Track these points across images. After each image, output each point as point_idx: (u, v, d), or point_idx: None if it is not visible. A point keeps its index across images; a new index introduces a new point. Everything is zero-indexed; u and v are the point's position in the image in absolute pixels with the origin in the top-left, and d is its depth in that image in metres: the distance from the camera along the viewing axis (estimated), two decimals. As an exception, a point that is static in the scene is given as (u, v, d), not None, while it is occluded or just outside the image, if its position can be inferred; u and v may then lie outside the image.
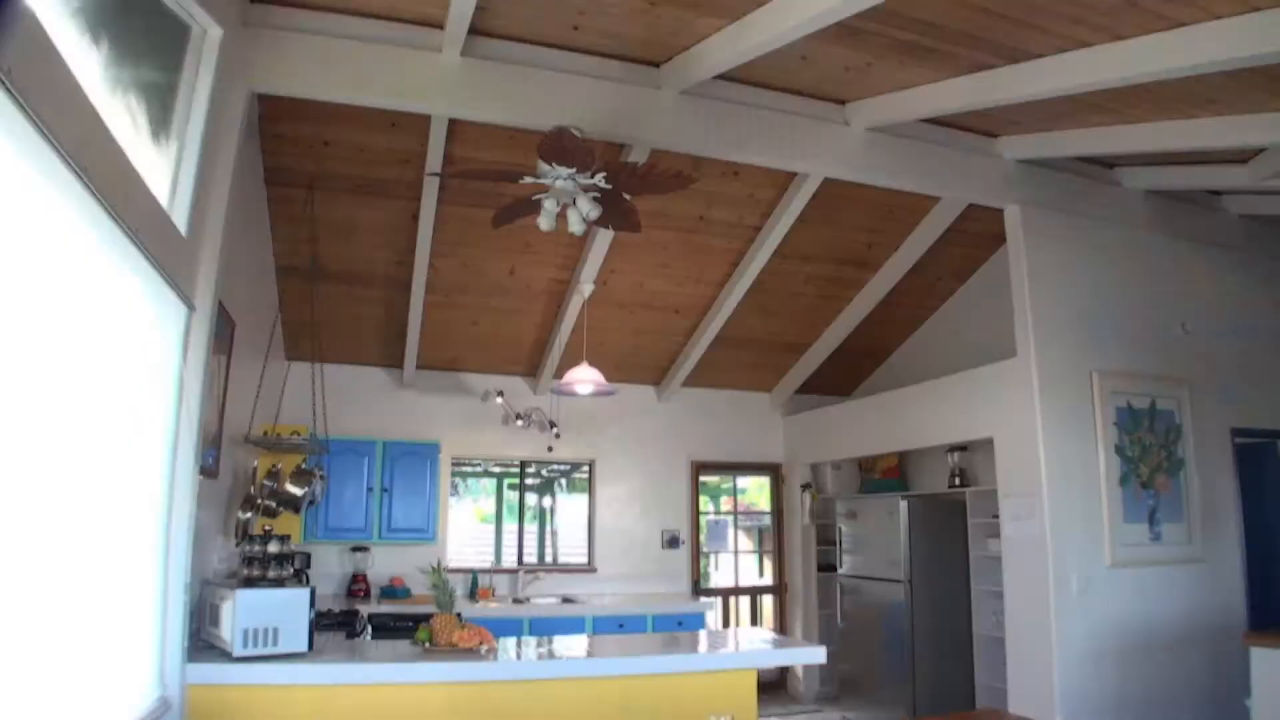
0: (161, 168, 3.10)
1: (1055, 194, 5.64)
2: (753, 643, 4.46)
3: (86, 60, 2.26)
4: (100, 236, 2.32)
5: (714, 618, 7.75)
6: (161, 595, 3.12)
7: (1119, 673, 5.26)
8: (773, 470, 8.56)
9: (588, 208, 4.05)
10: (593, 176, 4.00)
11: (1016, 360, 5.49)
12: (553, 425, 7.48)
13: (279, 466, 5.24)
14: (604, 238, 5.86)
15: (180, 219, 3.23)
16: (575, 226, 4.14)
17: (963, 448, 6.80)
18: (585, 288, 6.27)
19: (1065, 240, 5.62)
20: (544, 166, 3.93)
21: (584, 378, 5.98)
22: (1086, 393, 5.48)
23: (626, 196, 4.23)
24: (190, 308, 3.29)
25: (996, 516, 5.75)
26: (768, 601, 8.48)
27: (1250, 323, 6.35)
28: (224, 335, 4.06)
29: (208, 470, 3.84)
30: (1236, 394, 6.16)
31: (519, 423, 7.47)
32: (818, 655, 4.42)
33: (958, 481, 6.84)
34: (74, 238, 2.17)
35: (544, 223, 4.11)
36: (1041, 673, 5.15)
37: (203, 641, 3.58)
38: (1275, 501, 6.43)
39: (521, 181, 4.07)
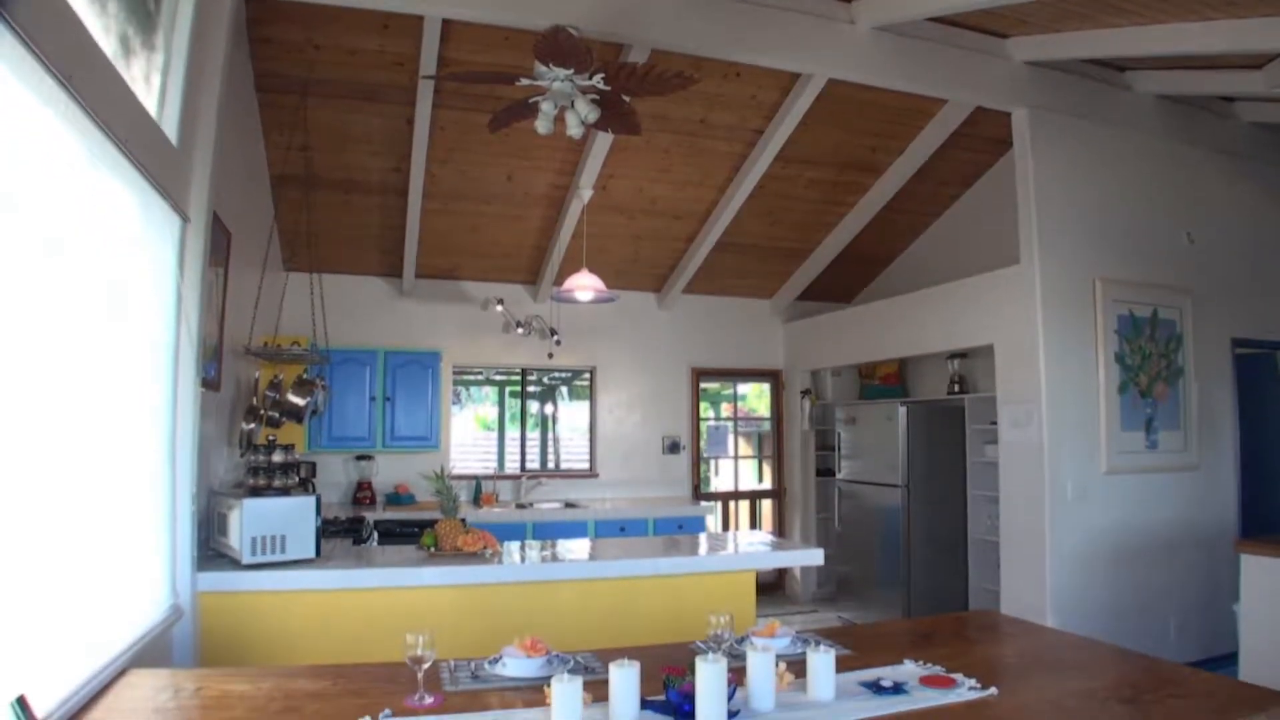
0: (149, 76, 3.00)
1: (1064, 98, 5.50)
2: (751, 545, 4.54)
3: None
4: (89, 148, 2.26)
5: (714, 521, 7.91)
6: (169, 506, 3.15)
7: (1110, 577, 5.38)
8: (773, 377, 8.60)
9: (586, 110, 3.95)
10: (591, 78, 3.89)
11: (1019, 267, 5.45)
12: (553, 333, 7.47)
13: (280, 377, 5.25)
14: (603, 141, 5.75)
15: (170, 129, 3.15)
16: (573, 129, 4.05)
17: (963, 354, 6.81)
18: (584, 193, 6.18)
19: (1073, 145, 5.52)
20: (541, 68, 3.82)
21: (584, 284, 5.93)
22: (1088, 300, 5.46)
23: (625, 98, 4.13)
24: (184, 219, 3.24)
25: (994, 423, 5.80)
26: (767, 506, 8.63)
27: (1256, 233, 6.29)
28: (220, 247, 4.00)
29: (209, 382, 3.84)
30: (1239, 304, 6.15)
31: (519, 330, 7.46)
32: (815, 557, 4.51)
33: (957, 388, 6.88)
34: (61, 150, 2.12)
35: (541, 126, 4.02)
36: (1034, 576, 5.27)
37: (212, 551, 3.64)
38: (1272, 411, 6.48)
39: (518, 84, 3.96)
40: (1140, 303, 5.62)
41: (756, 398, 8.95)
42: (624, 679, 2.03)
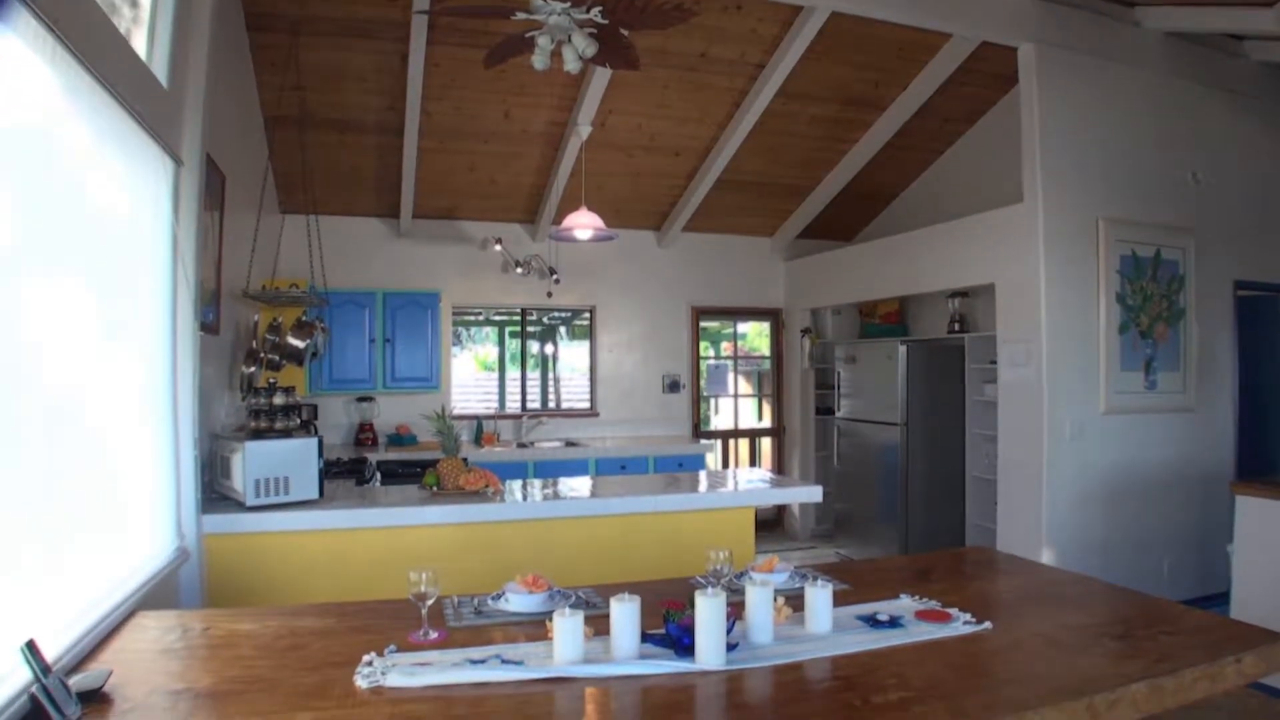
0: (137, 18, 2.94)
1: (1071, 33, 5.39)
2: (751, 483, 4.58)
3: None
4: (78, 92, 2.22)
5: (714, 459, 7.97)
6: (172, 450, 3.17)
7: (1106, 515, 5.45)
8: (773, 315, 8.59)
9: (583, 44, 3.88)
10: (588, 11, 3.80)
11: (1022, 205, 5.40)
12: (552, 272, 7.44)
13: (280, 320, 5.25)
14: (601, 77, 5.65)
15: (160, 71, 3.09)
16: (571, 65, 3.97)
17: (964, 293, 6.80)
18: (583, 130, 6.10)
19: (1079, 82, 5.42)
20: (537, 1, 3.73)
21: (583, 223, 5.88)
22: (1091, 240, 5.42)
23: (624, 32, 4.04)
24: (178, 162, 3.20)
25: (994, 362, 5.81)
26: (766, 444, 8.70)
27: (1262, 174, 6.23)
28: (215, 190, 3.96)
29: (208, 327, 3.83)
30: (1242, 246, 6.12)
31: (518, 270, 7.43)
32: (814, 494, 4.56)
33: (957, 327, 6.87)
34: (49, 94, 2.08)
35: (538, 61, 3.94)
36: (1030, 514, 5.33)
37: (216, 494, 3.67)
38: (1272, 353, 6.48)
39: (514, 18, 3.87)
40: (1143, 243, 5.59)
41: (757, 336, 8.95)
42: (625, 613, 2.07)
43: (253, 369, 4.63)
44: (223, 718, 1.74)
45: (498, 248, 7.42)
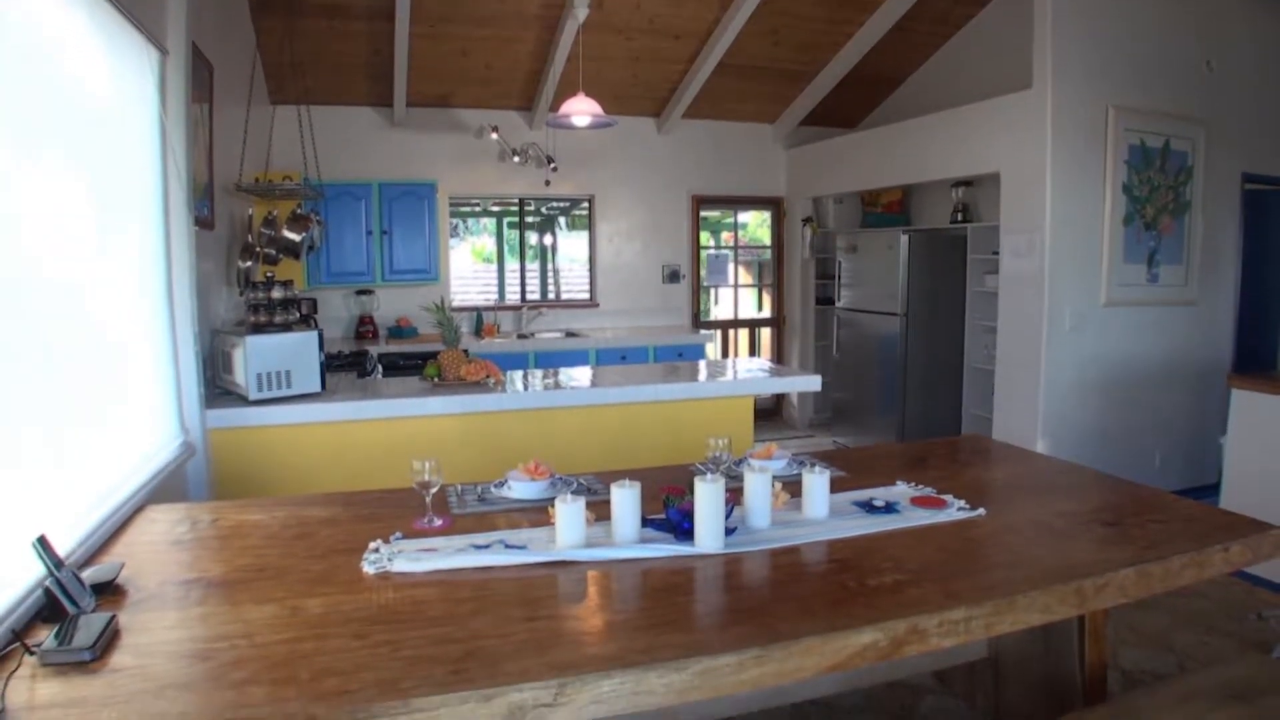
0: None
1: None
2: (750, 372, 4.61)
3: None
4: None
5: (713, 349, 8.00)
6: (172, 346, 3.17)
7: (1102, 406, 5.50)
8: (774, 204, 8.48)
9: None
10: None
11: (1030, 92, 5.27)
12: (550, 160, 7.31)
13: (275, 213, 5.17)
14: (598, -44, 5.43)
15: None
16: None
17: (968, 183, 6.69)
18: (579, 11, 5.87)
19: (1095, -38, 5.21)
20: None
21: (581, 109, 5.72)
22: (1100, 129, 5.31)
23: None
24: (162, 51, 3.09)
25: (996, 252, 5.76)
26: (766, 334, 8.72)
27: (1277, 65, 6.03)
28: (202, 81, 3.84)
29: (203, 221, 3.78)
30: (1252, 138, 6.00)
31: (516, 159, 7.30)
32: (813, 384, 4.59)
33: (960, 217, 6.79)
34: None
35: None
36: (1027, 403, 5.38)
37: (219, 389, 3.69)
38: (1277, 248, 6.42)
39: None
40: (1153, 132, 5.47)
41: (757, 226, 8.86)
42: (625, 498, 2.11)
43: (249, 264, 4.59)
44: (234, 604, 1.79)
45: (494, 136, 7.27)
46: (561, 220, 8.10)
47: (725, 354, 8.44)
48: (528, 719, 1.44)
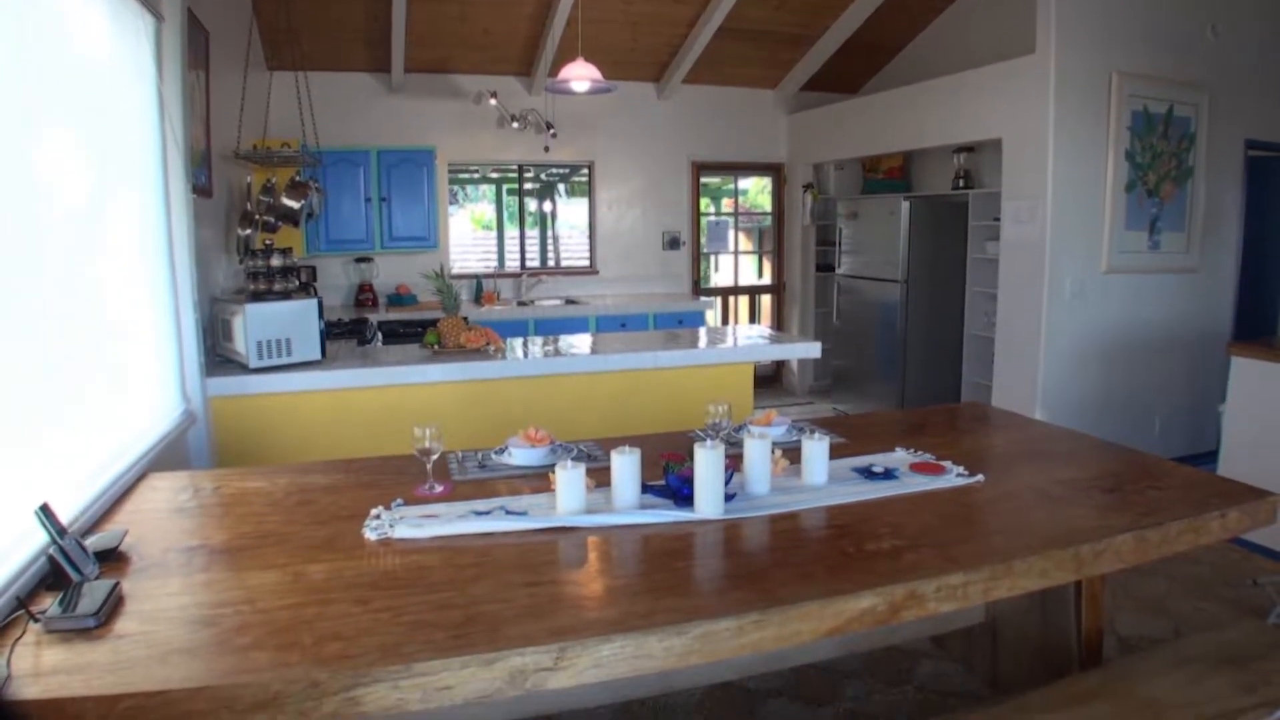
0: None
1: None
2: (750, 339, 4.61)
3: None
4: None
5: (713, 316, 7.99)
6: (173, 314, 3.16)
7: (1101, 374, 5.50)
8: (775, 170, 8.43)
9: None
10: None
11: (1033, 57, 5.21)
12: (549, 126, 7.25)
13: (273, 181, 5.14)
14: (597, -83, 5.35)
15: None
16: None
17: (970, 149, 6.64)
18: (578, -25, 5.82)
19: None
20: None
21: (580, 74, 5.67)
22: (1103, 94, 5.26)
23: None
24: (158, 17, 3.05)
25: (997, 219, 5.73)
26: (766, 301, 8.70)
27: (1280, 31, 5.97)
28: (198, 47, 3.80)
29: (201, 189, 3.76)
30: (1256, 105, 5.94)
31: (514, 125, 7.24)
32: (813, 350, 4.60)
33: (962, 183, 6.75)
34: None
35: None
36: (1027, 371, 5.38)
37: (220, 357, 3.69)
38: (1279, 216, 6.38)
39: None
40: (1156, 98, 5.41)
41: (758, 192, 8.81)
42: (625, 464, 2.11)
43: (248, 231, 4.57)
44: (237, 571, 1.81)
45: (493, 102, 7.21)
46: (561, 187, 8.06)
47: (725, 321, 8.43)
48: (529, 683, 1.45)
